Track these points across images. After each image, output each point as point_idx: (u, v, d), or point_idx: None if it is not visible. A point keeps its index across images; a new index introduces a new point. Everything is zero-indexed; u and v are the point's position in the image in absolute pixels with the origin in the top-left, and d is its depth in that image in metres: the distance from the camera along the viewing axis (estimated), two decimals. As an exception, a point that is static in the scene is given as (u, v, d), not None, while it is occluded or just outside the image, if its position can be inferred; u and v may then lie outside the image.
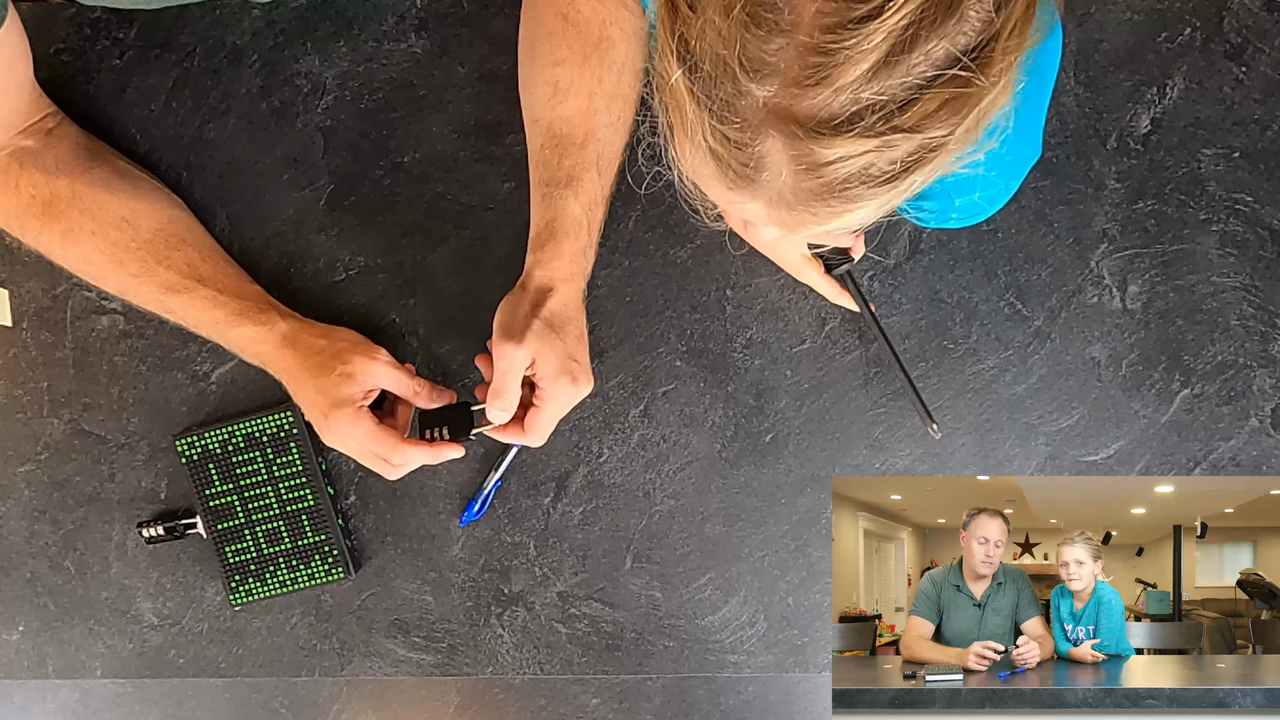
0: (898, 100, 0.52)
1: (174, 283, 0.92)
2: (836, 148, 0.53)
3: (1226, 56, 0.96)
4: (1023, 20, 0.53)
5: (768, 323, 0.99)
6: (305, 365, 0.90)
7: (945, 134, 0.53)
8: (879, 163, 0.54)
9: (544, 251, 0.87)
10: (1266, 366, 0.98)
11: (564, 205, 0.87)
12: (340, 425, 0.88)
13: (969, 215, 0.86)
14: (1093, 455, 0.99)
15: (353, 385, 0.88)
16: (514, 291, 0.87)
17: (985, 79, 0.52)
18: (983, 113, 0.54)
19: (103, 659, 1.04)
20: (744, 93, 0.53)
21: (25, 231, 0.93)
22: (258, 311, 0.92)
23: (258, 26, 1.00)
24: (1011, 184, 0.86)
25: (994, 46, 0.52)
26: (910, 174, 0.55)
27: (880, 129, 0.52)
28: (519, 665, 1.02)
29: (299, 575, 1.00)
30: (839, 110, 0.52)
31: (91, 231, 0.92)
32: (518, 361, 0.84)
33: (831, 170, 0.54)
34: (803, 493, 1.00)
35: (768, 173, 0.55)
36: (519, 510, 1.01)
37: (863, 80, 0.51)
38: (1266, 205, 0.97)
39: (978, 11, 0.51)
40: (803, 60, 0.51)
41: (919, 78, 0.51)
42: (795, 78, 0.51)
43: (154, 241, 0.93)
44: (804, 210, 0.57)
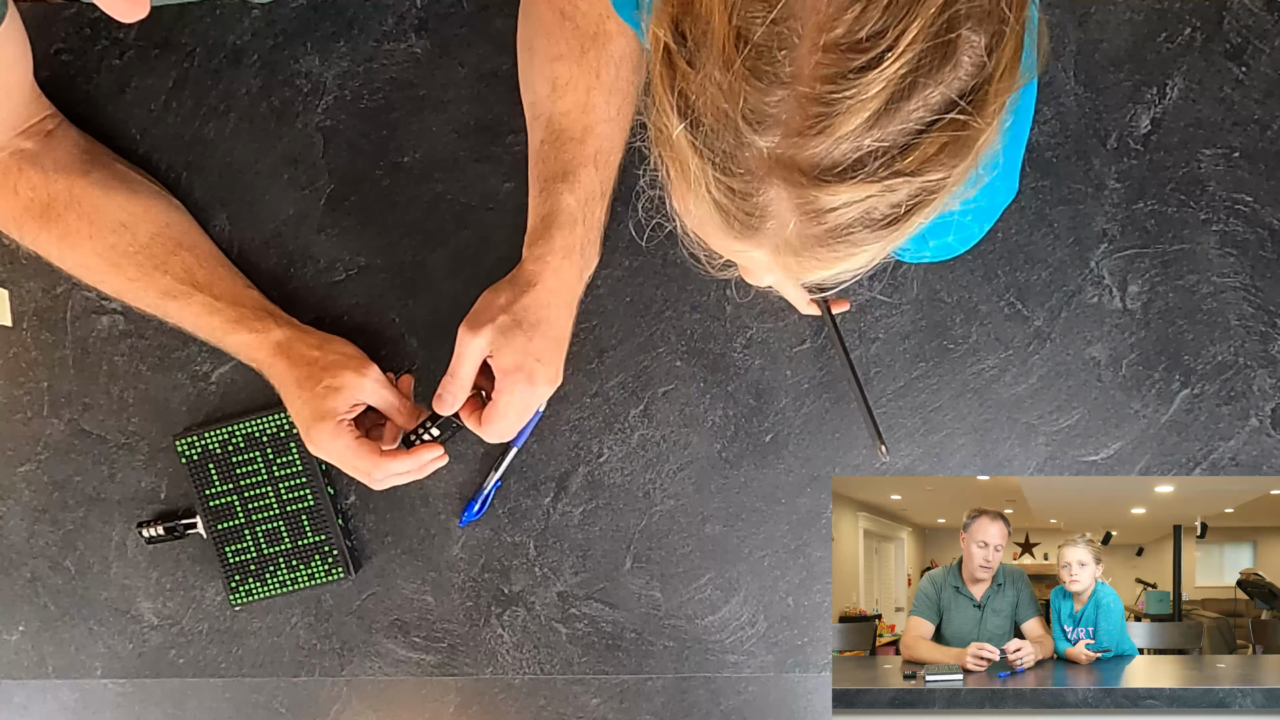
0: (898, 145, 0.52)
1: (170, 288, 0.92)
2: (840, 194, 0.53)
3: (1226, 56, 0.96)
4: (1012, 61, 0.55)
5: (768, 323, 0.99)
6: (294, 375, 0.91)
7: (944, 175, 0.54)
8: (881, 206, 0.55)
9: (537, 246, 0.87)
10: (1266, 366, 0.98)
11: (559, 199, 0.87)
12: (321, 438, 0.89)
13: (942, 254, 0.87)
14: (1093, 455, 0.99)
15: (337, 399, 0.89)
16: (499, 283, 0.88)
17: (982, 120, 0.53)
18: (979, 151, 0.55)
19: (103, 659, 1.04)
20: (746, 144, 0.54)
21: (24, 234, 0.93)
22: (253, 319, 0.93)
23: (258, 26, 1.00)
24: (984, 225, 0.87)
25: (988, 89, 0.53)
26: (912, 216, 0.56)
27: (882, 174, 0.53)
28: (519, 665, 1.02)
29: (299, 575, 1.00)
30: (841, 158, 0.52)
31: (89, 236, 0.92)
32: (470, 348, 0.86)
33: (835, 216, 0.55)
34: (803, 493, 1.00)
35: (773, 221, 0.56)
36: (519, 510, 1.01)
37: (864, 128, 0.52)
38: (1266, 205, 0.97)
39: (971, 56, 0.52)
40: (804, 111, 0.52)
41: (918, 123, 0.52)
42: (797, 128, 0.52)
43: (151, 246, 0.93)
44: (809, 256, 0.58)
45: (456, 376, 0.87)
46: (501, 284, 0.88)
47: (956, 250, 0.89)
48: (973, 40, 0.52)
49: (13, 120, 0.91)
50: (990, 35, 0.53)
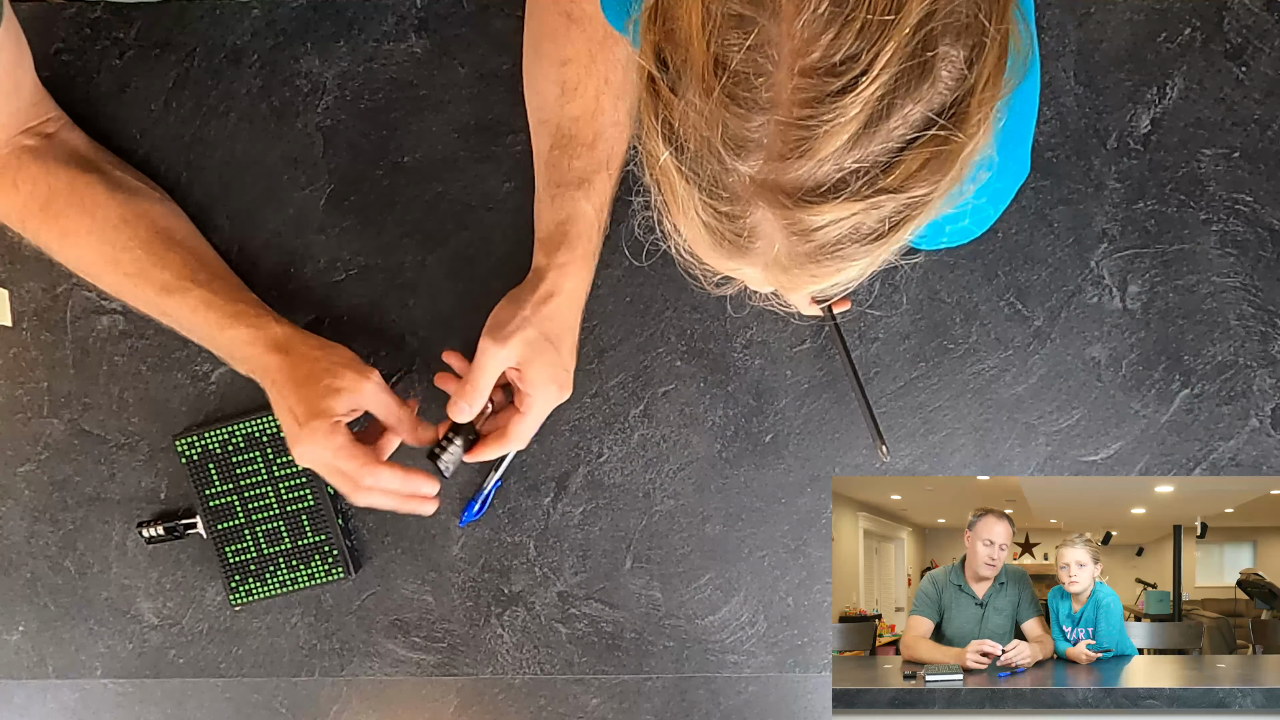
0: (880, 164, 0.53)
1: (169, 283, 0.91)
2: (825, 213, 0.54)
3: (1226, 56, 0.96)
4: (995, 71, 0.54)
5: (768, 323, 0.99)
6: (293, 373, 0.88)
7: (929, 190, 0.54)
8: (868, 222, 0.55)
9: (559, 254, 0.87)
10: (1266, 366, 0.98)
11: (576, 206, 0.87)
12: (315, 436, 0.86)
13: (959, 238, 0.87)
14: (1093, 455, 0.99)
15: (338, 400, 0.87)
16: (518, 291, 0.87)
17: (963, 133, 0.53)
18: (964, 163, 0.55)
19: (103, 659, 1.04)
20: (730, 169, 0.54)
21: (26, 228, 0.93)
22: (253, 315, 0.91)
23: (258, 26, 1.00)
24: (1000, 205, 0.86)
25: (969, 102, 0.53)
26: (900, 229, 0.56)
27: (866, 192, 0.53)
28: (519, 665, 1.02)
29: (299, 575, 1.00)
30: (824, 179, 0.53)
31: (89, 231, 0.91)
32: (494, 360, 0.85)
33: (822, 234, 0.55)
34: (803, 493, 1.00)
35: (761, 241, 0.56)
36: (519, 510, 1.01)
37: (844, 149, 0.52)
38: (1266, 205, 0.97)
39: (950, 72, 0.52)
40: (784, 135, 0.52)
41: (899, 141, 0.52)
42: (779, 152, 0.52)
43: (151, 243, 0.92)
44: (800, 272, 0.58)
45: (476, 386, 0.86)
46: (520, 293, 0.87)
47: (974, 233, 0.89)
48: (951, 55, 0.52)
49: (14, 121, 0.91)
50: (970, 49, 0.53)
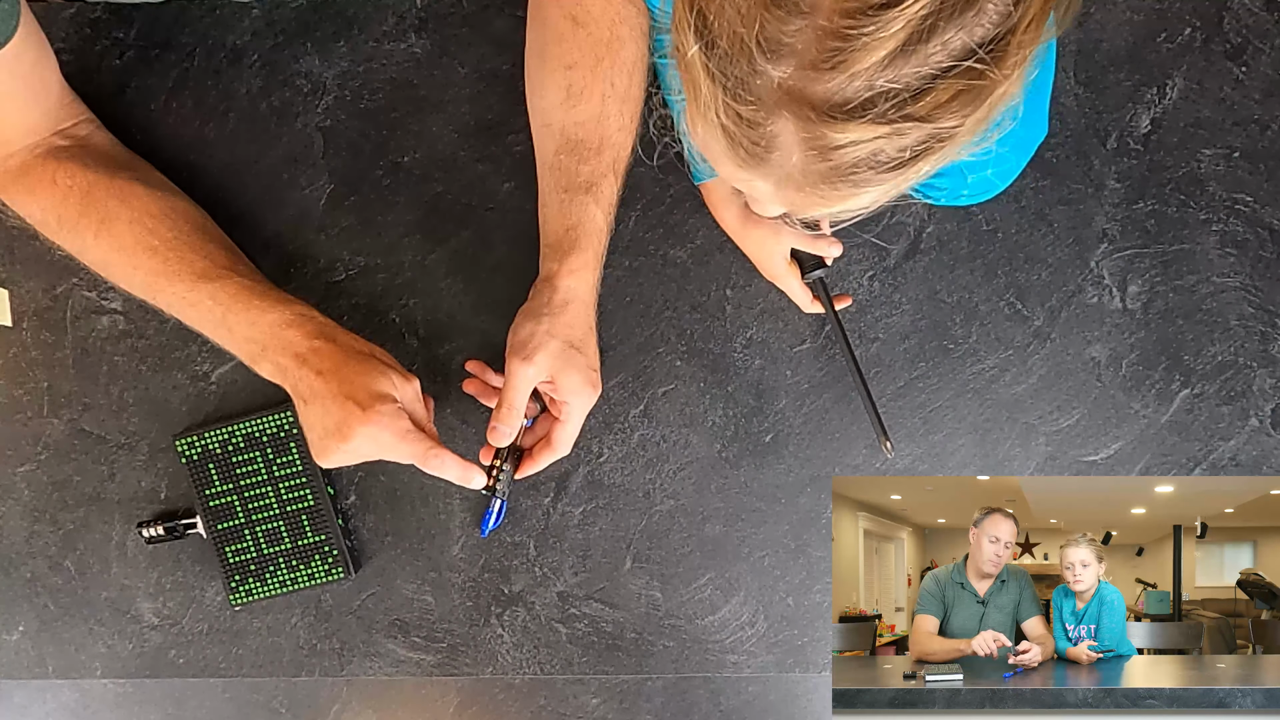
0: (911, 89, 0.52)
1: (208, 270, 0.88)
2: (848, 132, 0.53)
3: (1226, 56, 0.97)
4: (1039, 14, 0.54)
5: (768, 323, 0.99)
6: (345, 358, 0.85)
7: (956, 124, 0.54)
8: (889, 149, 0.54)
9: (570, 259, 0.86)
10: (1266, 366, 0.98)
11: (585, 211, 0.86)
12: (382, 419, 0.83)
13: (980, 192, 0.86)
14: (1093, 455, 0.99)
15: (390, 387, 0.85)
16: (533, 305, 0.87)
17: (999, 72, 0.53)
18: (994, 104, 0.55)
19: (103, 659, 1.04)
20: (759, 72, 0.53)
21: (62, 224, 0.90)
22: (293, 301, 0.89)
23: (258, 26, 1.00)
24: (1022, 159, 0.86)
25: (1010, 40, 0.52)
26: (918, 161, 0.55)
27: (892, 116, 0.52)
28: (519, 665, 1.02)
29: (299, 575, 1.00)
30: (853, 95, 0.52)
31: (129, 220, 0.89)
32: (525, 379, 0.84)
33: (841, 154, 0.54)
34: (803, 493, 1.00)
35: (778, 153, 0.56)
36: (519, 510, 1.01)
37: (879, 67, 0.51)
38: (1266, 205, 0.97)
39: (996, 5, 0.52)
40: (820, 43, 0.51)
41: (934, 68, 0.52)
42: (812, 60, 0.52)
43: (191, 234, 0.91)
44: (812, 192, 0.57)
45: (513, 408, 0.85)
46: (535, 307, 0.86)
47: (998, 186, 0.88)
48: None
49: (47, 122, 0.91)
50: None
